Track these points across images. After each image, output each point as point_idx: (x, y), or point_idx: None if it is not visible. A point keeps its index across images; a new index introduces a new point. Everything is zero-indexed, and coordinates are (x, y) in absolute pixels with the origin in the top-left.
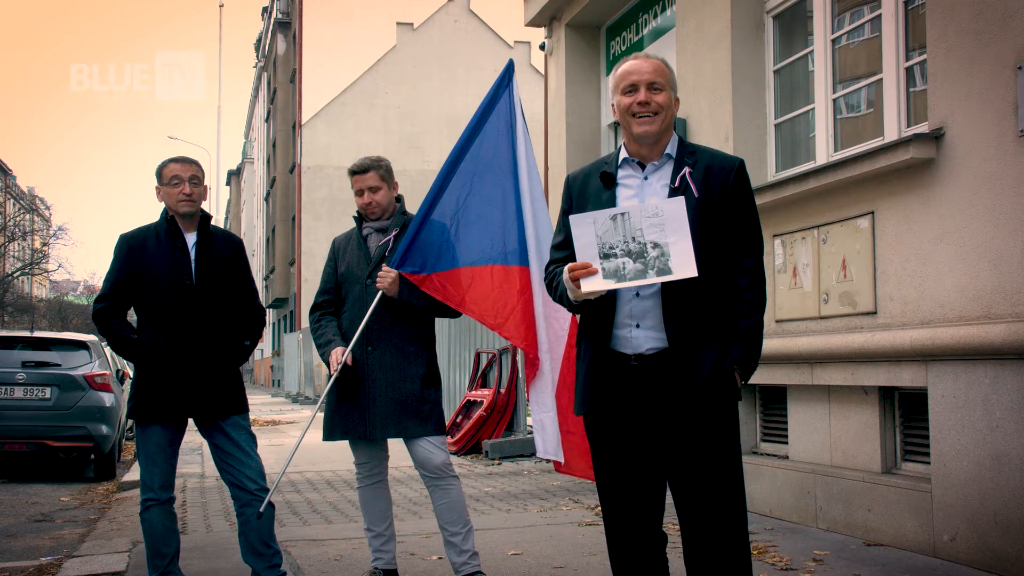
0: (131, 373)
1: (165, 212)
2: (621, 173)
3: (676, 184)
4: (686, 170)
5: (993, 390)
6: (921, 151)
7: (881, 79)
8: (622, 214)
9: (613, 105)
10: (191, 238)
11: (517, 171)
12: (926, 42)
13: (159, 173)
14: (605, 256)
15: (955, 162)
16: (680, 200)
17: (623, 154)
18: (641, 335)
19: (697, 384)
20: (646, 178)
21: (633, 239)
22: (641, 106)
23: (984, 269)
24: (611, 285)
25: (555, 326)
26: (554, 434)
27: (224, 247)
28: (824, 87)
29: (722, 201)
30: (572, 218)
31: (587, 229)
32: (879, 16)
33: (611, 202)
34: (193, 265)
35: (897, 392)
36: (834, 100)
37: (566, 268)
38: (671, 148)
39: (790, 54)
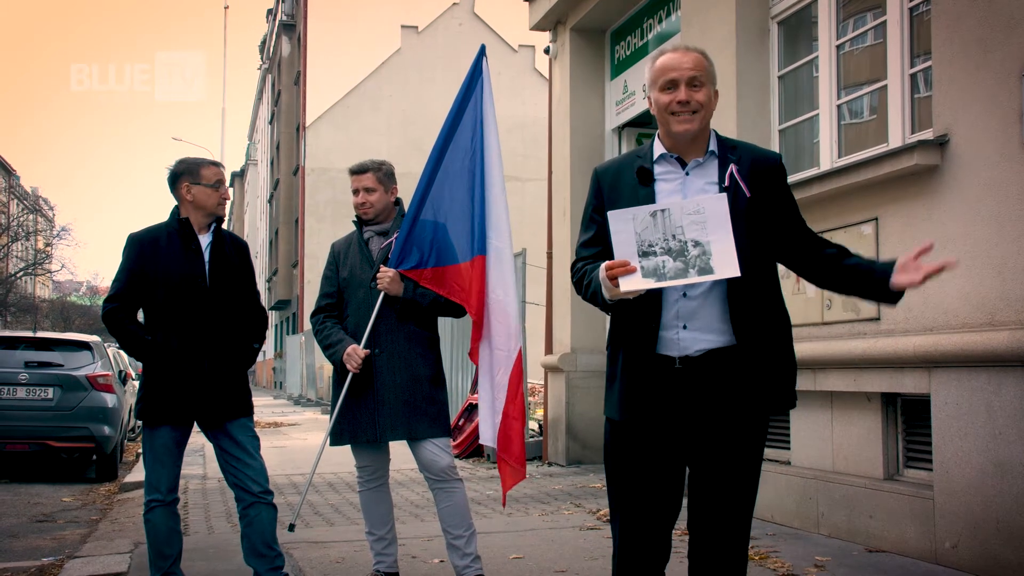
0: (133, 374)
1: (177, 213)
2: (658, 169)
3: (727, 184)
4: (732, 167)
5: (996, 397)
6: (925, 158)
7: (885, 85)
8: (662, 211)
9: (649, 99)
10: (203, 240)
11: (484, 156)
12: (931, 49)
13: (195, 172)
14: (644, 254)
15: (959, 169)
16: (723, 196)
17: (659, 149)
18: (689, 337)
19: (759, 387)
20: (688, 174)
21: (673, 236)
22: (681, 105)
23: (988, 276)
24: (650, 284)
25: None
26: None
27: (233, 249)
28: (828, 93)
29: (771, 198)
30: (611, 214)
31: (626, 226)
32: (884, 23)
33: (649, 199)
34: (207, 267)
35: (900, 399)
36: (838, 106)
37: (603, 267)
38: (713, 144)
39: (795, 60)
